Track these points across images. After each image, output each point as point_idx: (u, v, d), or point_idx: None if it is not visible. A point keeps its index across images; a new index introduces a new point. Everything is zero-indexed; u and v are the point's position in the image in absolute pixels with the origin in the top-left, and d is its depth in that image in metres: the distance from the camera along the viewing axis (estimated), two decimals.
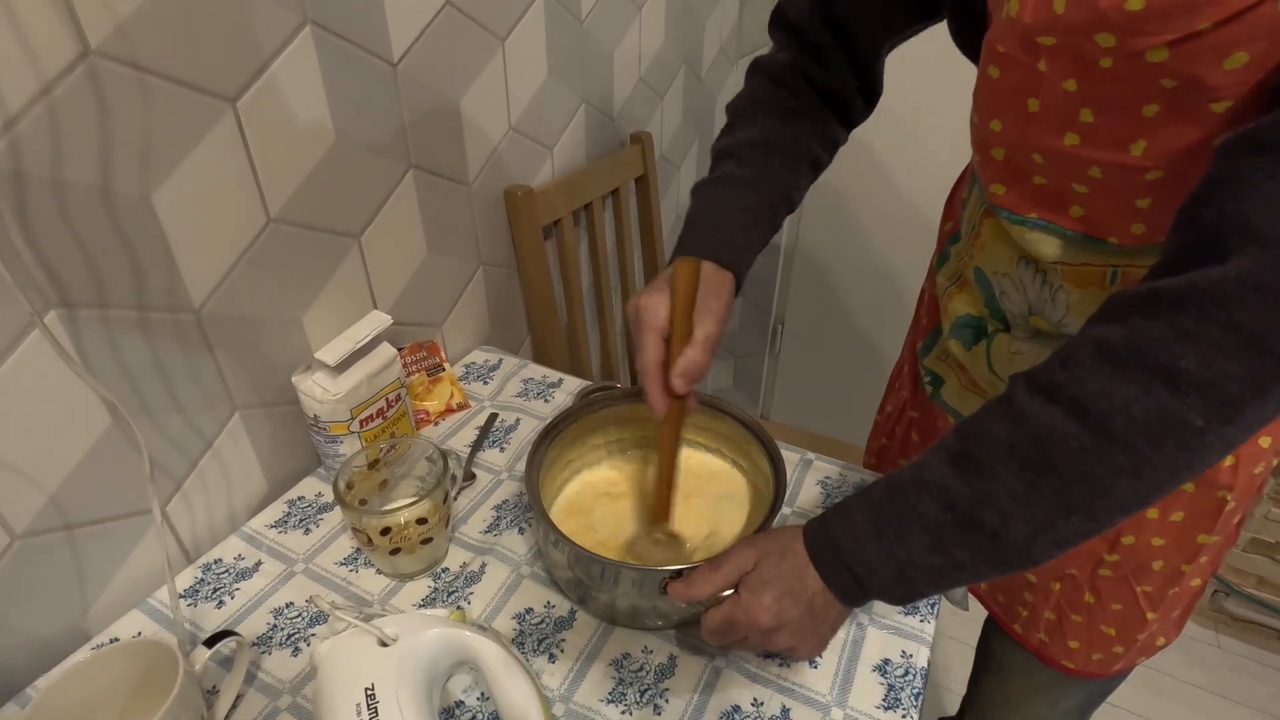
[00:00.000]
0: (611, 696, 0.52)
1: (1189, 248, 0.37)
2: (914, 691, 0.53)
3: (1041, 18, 0.41)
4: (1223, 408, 0.36)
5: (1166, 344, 0.36)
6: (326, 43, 0.62)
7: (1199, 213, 0.37)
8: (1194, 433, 0.36)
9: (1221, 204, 0.36)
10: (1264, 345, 0.34)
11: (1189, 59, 0.37)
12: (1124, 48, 0.38)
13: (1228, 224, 0.35)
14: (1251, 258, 0.34)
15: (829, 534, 0.48)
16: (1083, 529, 0.41)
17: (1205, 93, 0.38)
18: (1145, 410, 0.37)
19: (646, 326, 0.53)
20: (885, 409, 0.88)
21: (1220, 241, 0.35)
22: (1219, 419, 0.36)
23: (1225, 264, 0.35)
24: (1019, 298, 0.57)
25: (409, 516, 0.56)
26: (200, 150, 0.55)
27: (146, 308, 0.54)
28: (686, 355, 0.52)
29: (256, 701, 0.52)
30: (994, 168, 0.53)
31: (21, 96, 0.44)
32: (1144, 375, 0.37)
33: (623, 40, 1.08)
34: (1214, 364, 0.35)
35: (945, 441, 0.45)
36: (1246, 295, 0.34)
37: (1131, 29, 0.37)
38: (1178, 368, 0.36)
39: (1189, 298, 0.36)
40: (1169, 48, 0.37)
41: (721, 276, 0.56)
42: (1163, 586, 0.61)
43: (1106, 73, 0.40)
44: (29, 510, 0.51)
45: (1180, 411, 0.36)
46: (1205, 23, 0.35)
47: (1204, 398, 0.36)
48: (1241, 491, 0.56)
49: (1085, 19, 0.38)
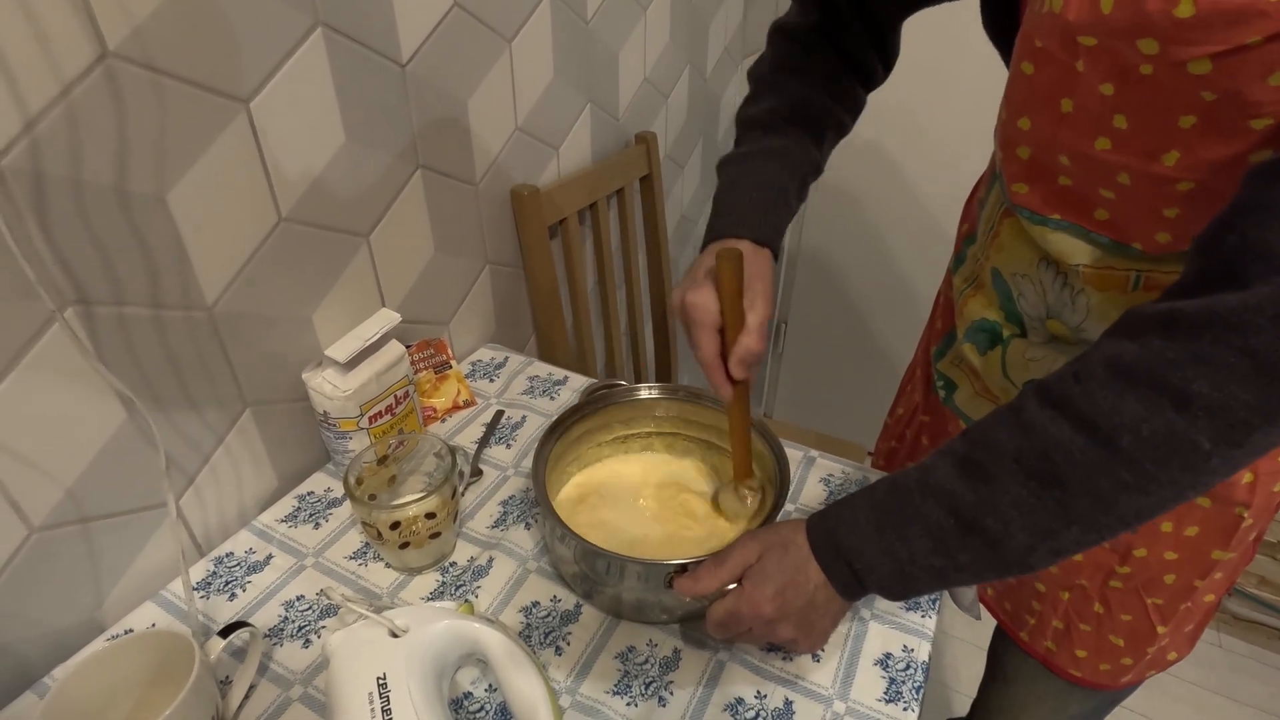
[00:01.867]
0: (617, 689, 0.53)
1: (1210, 272, 0.37)
2: (915, 685, 0.54)
3: (1085, 16, 0.40)
4: (1231, 432, 0.36)
5: (1180, 366, 0.36)
6: (337, 44, 0.63)
7: (1223, 238, 0.37)
8: (1201, 455, 0.37)
9: (1246, 230, 0.36)
10: (1277, 373, 0.34)
11: (1233, 73, 0.36)
12: (1167, 56, 0.38)
13: (1251, 251, 0.35)
14: (1272, 287, 0.34)
15: (831, 530, 0.49)
16: (1082, 540, 0.42)
17: (1247, 109, 0.37)
18: (1154, 430, 0.37)
19: (699, 324, 0.53)
20: (896, 412, 0.88)
21: (1242, 268, 0.35)
22: (1227, 443, 0.36)
23: (1245, 291, 0.35)
24: (1038, 300, 0.57)
25: (418, 511, 0.57)
26: (214, 150, 0.56)
27: (161, 305, 0.55)
28: (742, 344, 0.52)
29: (269, 692, 0.53)
30: (1018, 166, 0.53)
31: (42, 98, 0.45)
32: (1156, 396, 0.37)
33: (628, 41, 1.08)
34: (1226, 389, 0.35)
35: (953, 446, 0.45)
36: (1264, 324, 0.34)
37: (1178, 37, 0.37)
38: (1190, 391, 0.36)
39: (1206, 322, 0.36)
40: (1213, 60, 0.36)
41: (761, 256, 0.57)
42: (1174, 600, 0.61)
43: (1146, 80, 0.40)
44: (46, 504, 0.52)
45: (1189, 433, 0.36)
46: (1255, 36, 0.34)
47: (1214, 421, 0.36)
48: (1259, 509, 0.55)
49: (1131, 22, 0.38)
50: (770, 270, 0.57)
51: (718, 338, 0.53)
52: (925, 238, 1.49)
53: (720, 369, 0.54)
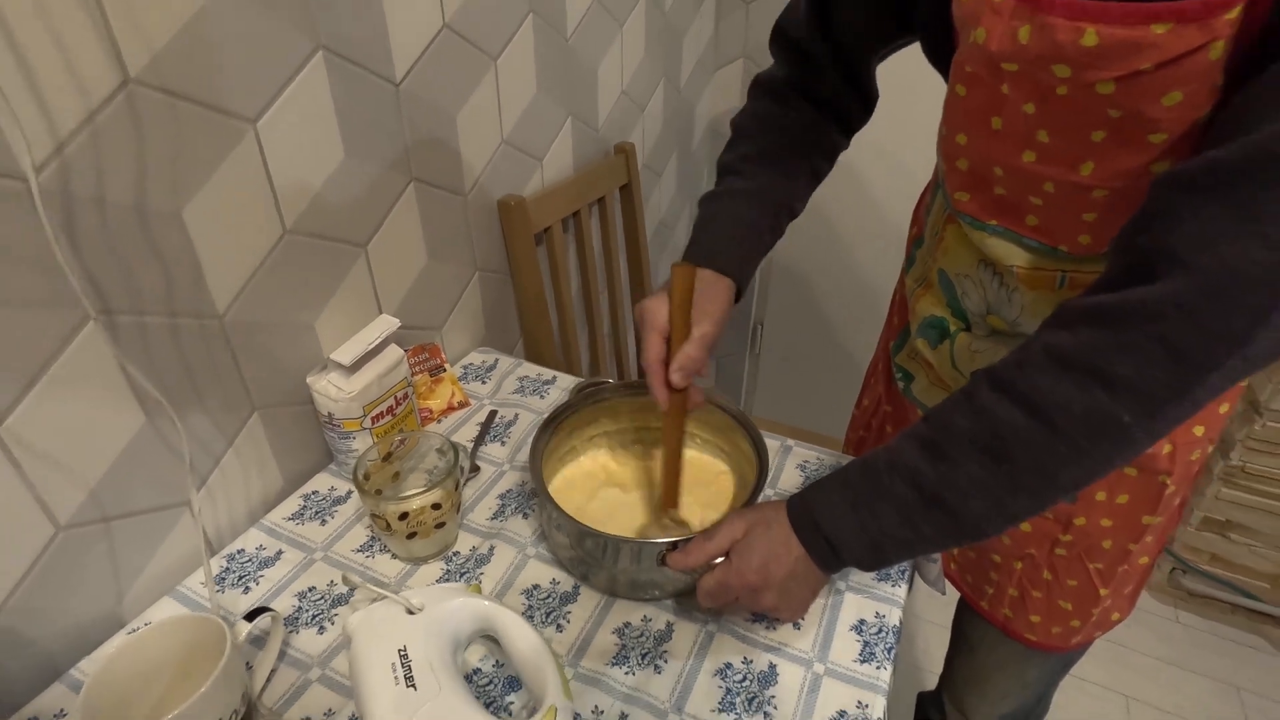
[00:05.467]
0: (615, 660, 0.57)
1: (1127, 269, 0.43)
2: (887, 646, 0.59)
3: (1006, 46, 0.45)
4: (1148, 407, 0.42)
5: (1105, 352, 0.42)
6: (336, 66, 0.67)
7: (1135, 240, 0.43)
8: (1123, 428, 0.42)
9: (1153, 233, 0.41)
10: (1184, 356, 0.40)
11: (1132, 94, 0.42)
12: (1077, 79, 0.43)
13: (1158, 252, 0.41)
14: (1176, 281, 0.40)
15: (809, 508, 0.54)
16: (1029, 507, 0.48)
17: (1146, 124, 0.43)
18: (1085, 408, 0.43)
19: (649, 326, 0.58)
20: (862, 403, 0.94)
21: (1151, 266, 0.41)
22: (1145, 416, 0.42)
23: (1155, 286, 0.40)
24: (979, 298, 0.63)
25: (424, 502, 0.61)
26: (225, 167, 0.59)
27: (177, 314, 0.59)
28: (683, 352, 0.57)
29: (288, 675, 0.56)
30: (959, 177, 0.58)
31: (70, 122, 0.48)
32: (1085, 378, 0.43)
33: (606, 56, 1.13)
34: (1144, 371, 0.41)
35: (916, 429, 0.51)
36: (1172, 314, 0.40)
37: (1085, 63, 0.42)
38: (1114, 373, 0.42)
39: (1125, 314, 0.42)
40: (1116, 82, 0.42)
41: (721, 283, 0.62)
42: (1113, 564, 0.67)
43: (1061, 100, 0.46)
44: (72, 503, 0.55)
45: (1113, 410, 0.42)
46: (1147, 64, 0.40)
47: (1134, 399, 0.42)
48: (1180, 476, 0.62)
49: (1045, 50, 0.43)
50: (726, 297, 0.62)
51: (663, 343, 0.58)
52: (885, 243, 1.58)
53: (660, 373, 0.58)
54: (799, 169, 0.68)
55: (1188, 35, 0.38)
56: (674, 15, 1.33)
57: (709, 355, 0.59)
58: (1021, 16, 0.44)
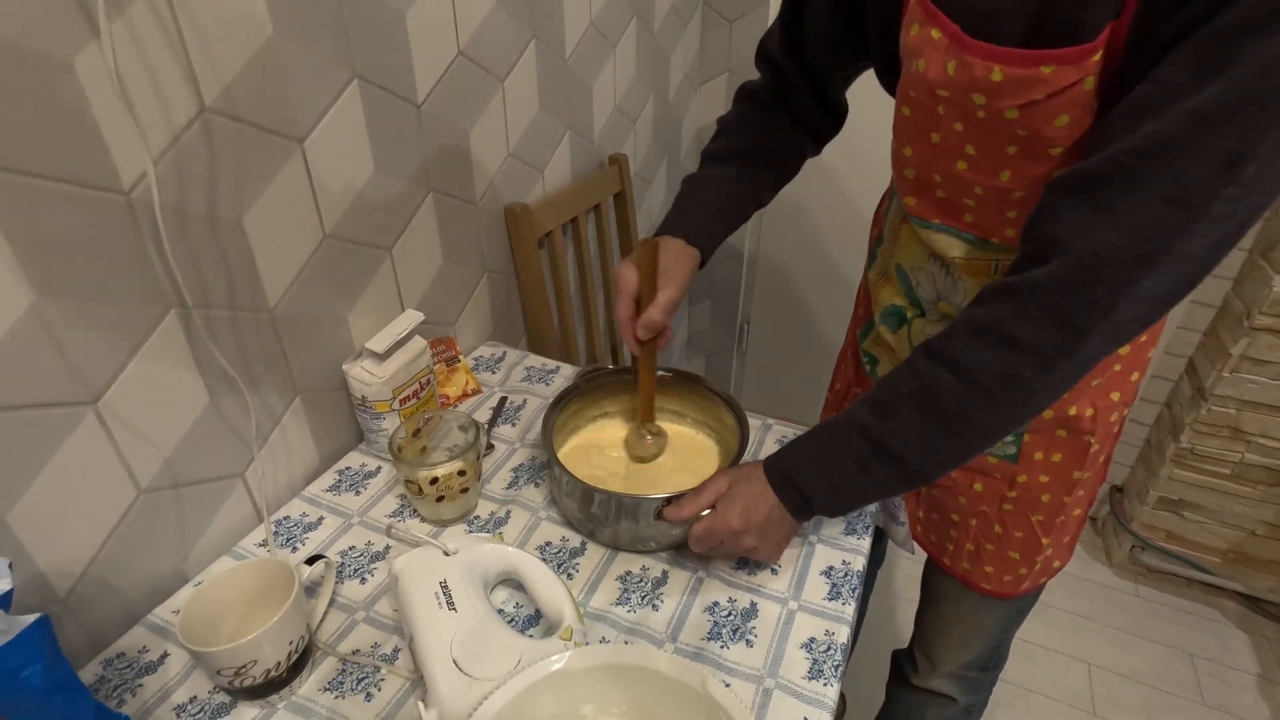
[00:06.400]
0: (618, 601, 0.67)
1: (1027, 255, 0.53)
2: (851, 588, 0.69)
3: (939, 75, 0.55)
4: (1045, 364, 0.52)
5: (1009, 321, 0.52)
6: (369, 91, 0.76)
7: (1031, 230, 0.53)
8: (1026, 381, 0.52)
9: (1044, 225, 0.52)
10: (1066, 322, 0.50)
11: (1032, 118, 0.53)
12: (990, 106, 0.54)
13: (1046, 240, 0.51)
14: (1058, 264, 0.50)
15: (782, 463, 0.64)
16: (960, 451, 0.58)
17: (1045, 141, 0.54)
18: (997, 366, 0.53)
19: (620, 291, 0.72)
20: (834, 387, 1.04)
21: (1043, 252, 0.51)
22: (1043, 371, 0.52)
23: (1045, 267, 0.50)
24: (930, 287, 0.73)
25: (451, 469, 0.70)
26: (277, 181, 0.69)
27: (237, 308, 0.68)
28: (647, 314, 0.70)
29: (337, 617, 0.65)
30: (907, 183, 0.69)
31: (160, 144, 0.58)
32: (996, 343, 0.53)
33: (600, 74, 1.24)
34: (1037, 335, 0.51)
35: (868, 394, 0.61)
36: (1055, 289, 0.50)
37: (994, 93, 0.53)
38: (1017, 337, 0.52)
39: (1024, 290, 0.52)
40: (1019, 109, 0.52)
41: (689, 252, 0.74)
42: (1051, 515, 0.77)
43: (981, 121, 0.56)
44: (150, 470, 0.64)
45: (1018, 367, 0.52)
46: (1040, 95, 0.51)
47: (1033, 357, 0.52)
48: (1101, 436, 0.72)
49: (965, 82, 0.54)
50: (690, 264, 0.74)
51: (633, 304, 0.72)
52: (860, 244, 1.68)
53: (631, 329, 0.72)
54: (768, 165, 0.80)
55: (1067, 73, 0.49)
56: (662, 35, 1.43)
57: (670, 316, 0.72)
58: (951, 53, 0.54)
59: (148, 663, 0.61)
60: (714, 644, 0.63)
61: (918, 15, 0.56)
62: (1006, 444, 0.74)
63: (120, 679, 0.59)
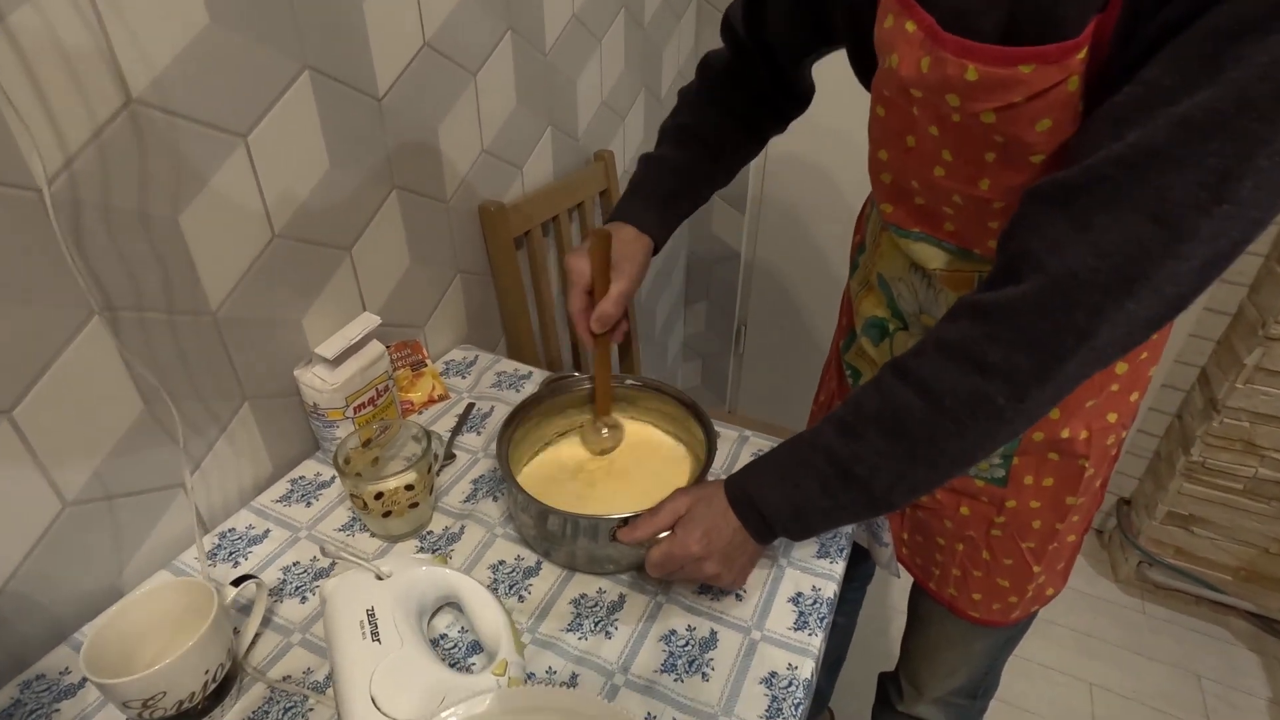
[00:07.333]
0: (570, 627, 0.63)
1: (1000, 270, 0.48)
2: (820, 616, 0.64)
3: (912, 73, 0.51)
4: (1016, 390, 0.47)
5: (980, 342, 0.48)
6: (322, 84, 0.73)
7: (1007, 244, 0.48)
8: (997, 408, 0.48)
9: (1020, 239, 0.47)
10: (1039, 346, 0.46)
11: (1010, 122, 0.48)
12: (965, 109, 0.49)
13: (1021, 255, 0.46)
14: (1034, 282, 0.45)
15: (744, 484, 0.60)
16: (927, 478, 0.53)
17: (1025, 148, 0.49)
18: (966, 390, 0.48)
19: (572, 284, 0.69)
20: (819, 399, 0.99)
21: (1017, 268, 0.46)
22: (1015, 398, 0.47)
23: (1019, 285, 0.46)
24: (912, 299, 0.68)
25: (398, 483, 0.67)
26: (219, 177, 0.65)
27: (174, 311, 0.64)
28: (600, 307, 0.68)
29: (272, 639, 0.62)
30: (884, 189, 0.64)
31: (79, 137, 0.54)
32: (965, 365, 0.48)
33: (585, 69, 1.19)
34: (1010, 359, 0.47)
35: (834, 412, 0.56)
36: (1027, 310, 0.45)
37: (969, 94, 0.48)
38: (987, 360, 0.47)
39: (996, 310, 0.47)
40: (996, 112, 0.48)
41: (641, 241, 0.71)
42: (1043, 542, 0.72)
43: (957, 125, 0.51)
44: (78, 481, 0.61)
45: (988, 392, 0.48)
46: (1018, 97, 0.46)
47: (1004, 383, 0.47)
48: (1097, 459, 0.67)
49: (939, 81, 0.49)
50: (645, 254, 0.71)
51: (586, 297, 0.69)
52: None
53: (584, 322, 0.70)
54: (724, 148, 0.77)
55: (1049, 73, 0.44)
56: (653, 29, 1.39)
57: (624, 308, 0.69)
58: (925, 48, 0.49)
59: (67, 685, 0.58)
60: (667, 676, 0.59)
61: (892, 6, 0.51)
62: (994, 465, 0.69)
63: (37, 703, 0.56)
